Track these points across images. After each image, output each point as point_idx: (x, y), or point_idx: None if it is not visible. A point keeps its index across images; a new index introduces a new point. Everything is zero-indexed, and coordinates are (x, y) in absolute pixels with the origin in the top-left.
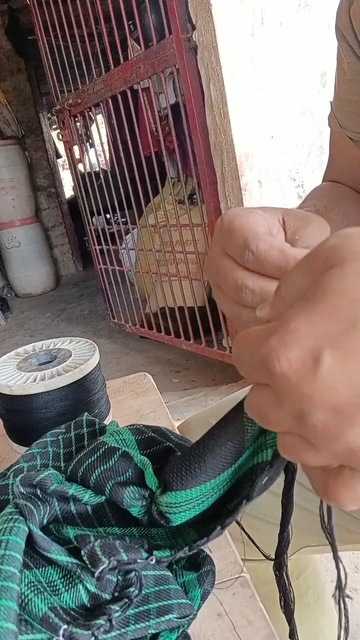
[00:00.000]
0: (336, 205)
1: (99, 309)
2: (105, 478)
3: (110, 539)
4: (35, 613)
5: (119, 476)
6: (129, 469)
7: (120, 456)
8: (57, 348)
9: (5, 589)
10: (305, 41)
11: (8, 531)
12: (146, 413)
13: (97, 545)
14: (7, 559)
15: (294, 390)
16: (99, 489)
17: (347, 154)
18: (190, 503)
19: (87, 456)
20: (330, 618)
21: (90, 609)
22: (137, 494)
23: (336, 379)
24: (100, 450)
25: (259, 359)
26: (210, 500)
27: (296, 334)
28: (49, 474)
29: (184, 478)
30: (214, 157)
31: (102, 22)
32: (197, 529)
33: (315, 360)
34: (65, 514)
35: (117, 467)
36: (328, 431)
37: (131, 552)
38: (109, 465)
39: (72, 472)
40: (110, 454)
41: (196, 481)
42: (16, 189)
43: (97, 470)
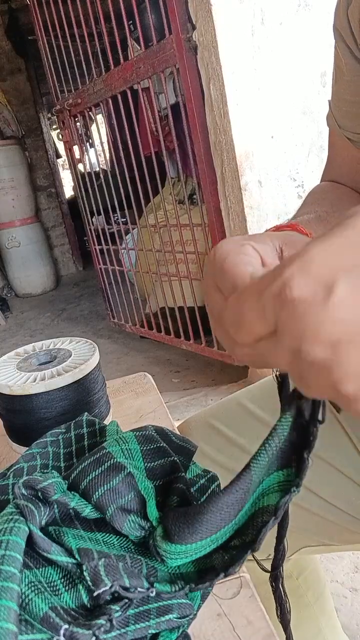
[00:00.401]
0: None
1: (99, 309)
2: (108, 500)
3: (113, 559)
4: (35, 613)
5: (121, 498)
6: (131, 492)
7: (124, 476)
8: (57, 348)
9: (5, 589)
10: (305, 41)
11: (8, 531)
12: (146, 413)
13: (101, 565)
14: (7, 559)
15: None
16: (101, 509)
17: (345, 154)
18: (187, 553)
19: (90, 467)
20: (330, 618)
21: (90, 609)
22: (138, 525)
23: (347, 310)
24: (105, 465)
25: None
26: (208, 549)
27: (313, 263)
28: (52, 482)
29: (185, 534)
30: (214, 157)
31: (102, 22)
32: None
33: (328, 290)
34: (64, 516)
35: (119, 489)
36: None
37: (133, 578)
38: (112, 485)
39: (74, 480)
40: (114, 471)
41: (197, 537)
42: (16, 189)
43: (100, 488)
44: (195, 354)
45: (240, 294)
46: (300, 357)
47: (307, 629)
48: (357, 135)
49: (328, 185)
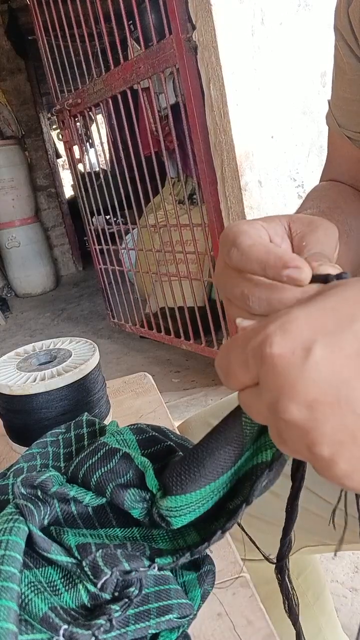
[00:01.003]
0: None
1: (99, 309)
2: (106, 480)
3: (112, 548)
4: (35, 613)
5: (120, 478)
6: (129, 471)
7: (120, 457)
8: (57, 348)
9: (5, 589)
10: (305, 41)
11: (8, 531)
12: (146, 413)
13: (99, 556)
14: (7, 559)
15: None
16: (100, 491)
17: (345, 153)
18: (190, 506)
19: (87, 457)
20: (330, 618)
21: (90, 609)
22: (138, 497)
23: (323, 372)
24: (101, 452)
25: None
26: (210, 502)
27: (294, 323)
28: (50, 475)
29: (183, 482)
30: (214, 157)
31: (102, 22)
32: (198, 530)
33: (306, 350)
34: (66, 515)
35: (117, 469)
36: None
37: (133, 561)
38: (109, 466)
39: (73, 473)
40: (110, 455)
41: (196, 485)
42: (16, 189)
43: (97, 471)
44: (195, 354)
45: (229, 342)
46: (277, 414)
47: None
48: (357, 134)
49: (328, 184)
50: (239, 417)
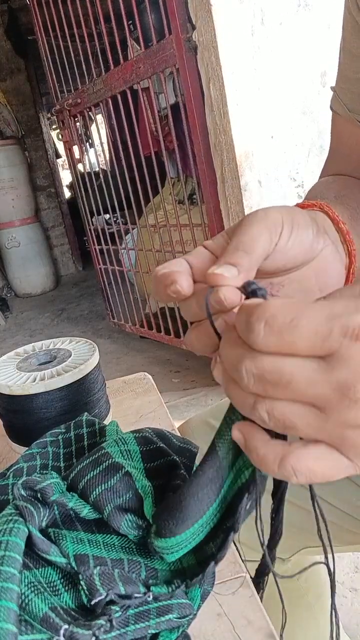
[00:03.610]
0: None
1: (99, 309)
2: (105, 499)
3: (109, 566)
4: (35, 613)
5: (119, 498)
6: (129, 492)
7: (122, 476)
8: (56, 348)
9: (5, 590)
10: (305, 41)
11: (8, 532)
12: (146, 413)
13: (96, 574)
14: (7, 560)
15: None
16: (98, 509)
17: (354, 142)
18: (181, 544)
19: (89, 467)
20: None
21: (90, 609)
22: (135, 524)
23: None
24: (103, 465)
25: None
26: (202, 534)
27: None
28: (51, 483)
29: (171, 527)
30: (214, 157)
31: (102, 22)
32: (194, 552)
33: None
34: (64, 517)
35: (117, 488)
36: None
37: (129, 584)
38: (110, 484)
39: (73, 481)
40: (112, 471)
41: (183, 527)
42: (16, 189)
43: (97, 488)
44: (195, 354)
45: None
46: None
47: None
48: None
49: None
50: (212, 445)
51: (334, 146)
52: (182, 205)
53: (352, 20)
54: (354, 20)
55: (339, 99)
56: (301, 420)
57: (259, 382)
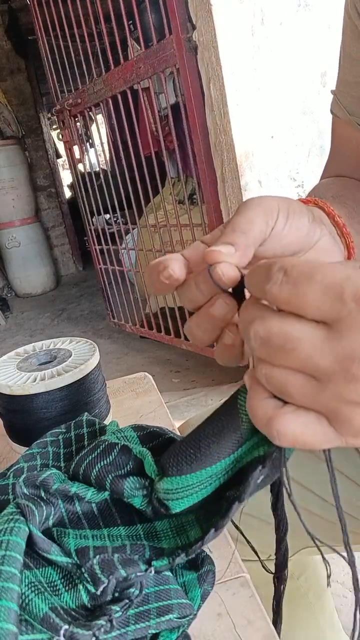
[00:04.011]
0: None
1: (99, 309)
2: (105, 472)
3: (109, 553)
4: (35, 613)
5: (119, 470)
6: (129, 462)
7: (119, 450)
8: (57, 348)
9: (5, 589)
10: (305, 41)
11: (9, 532)
12: (146, 413)
13: (96, 563)
14: (7, 560)
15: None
16: (100, 484)
17: (355, 145)
18: (187, 489)
19: (87, 454)
20: (331, 618)
21: (90, 609)
22: (137, 484)
23: None
24: (100, 447)
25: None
26: (209, 488)
27: None
28: (51, 473)
29: (179, 464)
30: (214, 157)
31: (102, 22)
32: (201, 524)
33: None
34: (71, 515)
35: (117, 462)
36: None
37: (129, 566)
38: (109, 460)
39: (74, 470)
40: (109, 449)
41: (192, 468)
42: (16, 189)
43: (97, 465)
44: (195, 354)
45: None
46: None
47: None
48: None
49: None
50: (235, 405)
51: (335, 148)
52: (182, 205)
53: (352, 25)
54: (354, 24)
55: (339, 103)
56: (298, 390)
57: (264, 346)
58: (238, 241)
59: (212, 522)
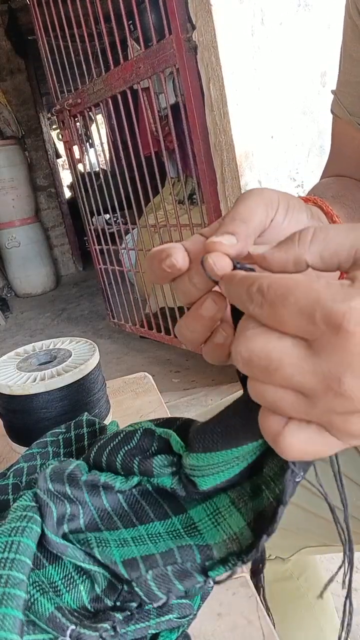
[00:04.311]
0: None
1: (99, 309)
2: (131, 455)
3: (160, 562)
4: (42, 613)
5: (145, 452)
6: (153, 443)
7: (142, 433)
8: (57, 348)
9: (12, 596)
10: (305, 41)
11: (20, 532)
12: (146, 413)
13: (151, 579)
14: (16, 565)
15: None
16: (127, 468)
17: (356, 144)
18: (214, 467)
19: (106, 443)
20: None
21: (91, 612)
22: (166, 461)
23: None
24: (120, 436)
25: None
26: (236, 468)
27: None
28: (78, 465)
29: (206, 441)
30: (214, 157)
31: (102, 22)
32: (240, 510)
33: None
34: (101, 513)
35: (141, 445)
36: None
37: (186, 579)
38: (132, 444)
39: (94, 459)
40: (131, 435)
41: (218, 446)
42: (16, 189)
43: (121, 450)
44: (195, 354)
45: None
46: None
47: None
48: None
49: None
50: None
51: (335, 148)
52: (182, 205)
53: (352, 25)
54: (354, 24)
55: (340, 103)
56: (290, 407)
57: (248, 365)
58: (239, 230)
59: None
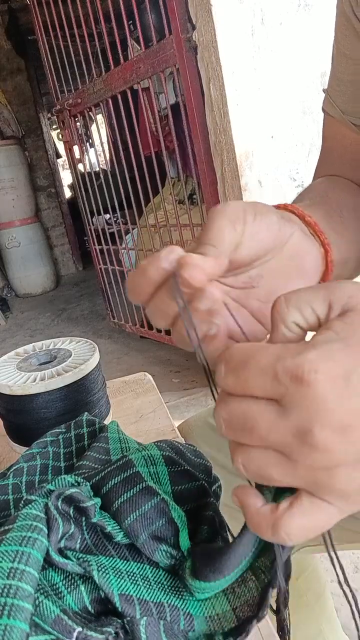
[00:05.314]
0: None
1: (99, 309)
2: (140, 526)
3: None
4: (47, 615)
5: (152, 525)
6: (162, 518)
7: (157, 502)
8: (57, 348)
9: (20, 609)
10: (305, 41)
11: (31, 543)
12: (146, 413)
13: (143, 625)
14: (25, 577)
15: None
16: (132, 535)
17: (348, 143)
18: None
19: (122, 488)
20: (331, 618)
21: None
22: (169, 554)
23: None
24: (137, 488)
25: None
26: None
27: (337, 352)
28: (94, 503)
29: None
30: (214, 157)
31: (102, 22)
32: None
33: (346, 379)
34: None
35: (151, 515)
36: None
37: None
38: (143, 510)
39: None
40: (147, 495)
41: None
42: (16, 189)
43: (132, 514)
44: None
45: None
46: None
47: (308, 629)
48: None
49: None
50: None
51: (327, 147)
52: (182, 205)
53: (345, 22)
54: (347, 21)
55: (332, 101)
56: (275, 470)
57: (229, 428)
58: (210, 254)
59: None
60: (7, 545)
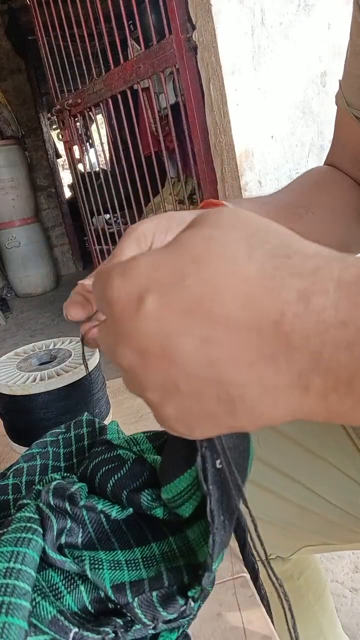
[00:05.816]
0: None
1: None
2: (120, 487)
3: (147, 590)
4: (43, 616)
5: (135, 482)
6: (144, 472)
7: (134, 461)
8: (57, 348)
9: (19, 607)
10: (305, 41)
11: (26, 543)
12: (146, 413)
13: (137, 606)
14: (22, 576)
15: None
16: (117, 499)
17: (350, 133)
18: (182, 494)
19: (101, 464)
20: (331, 618)
21: (92, 614)
22: (153, 495)
23: (150, 325)
24: (116, 462)
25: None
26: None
27: (134, 269)
28: (79, 487)
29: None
30: (214, 157)
31: (102, 22)
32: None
33: (140, 300)
34: (100, 535)
35: (131, 473)
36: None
37: (169, 605)
38: (122, 472)
39: (89, 478)
40: (123, 462)
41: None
42: (16, 189)
43: (111, 479)
44: None
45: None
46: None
47: (308, 629)
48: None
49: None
50: None
51: (336, 136)
52: (182, 205)
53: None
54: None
55: (342, 92)
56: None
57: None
58: None
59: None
60: (3, 547)
